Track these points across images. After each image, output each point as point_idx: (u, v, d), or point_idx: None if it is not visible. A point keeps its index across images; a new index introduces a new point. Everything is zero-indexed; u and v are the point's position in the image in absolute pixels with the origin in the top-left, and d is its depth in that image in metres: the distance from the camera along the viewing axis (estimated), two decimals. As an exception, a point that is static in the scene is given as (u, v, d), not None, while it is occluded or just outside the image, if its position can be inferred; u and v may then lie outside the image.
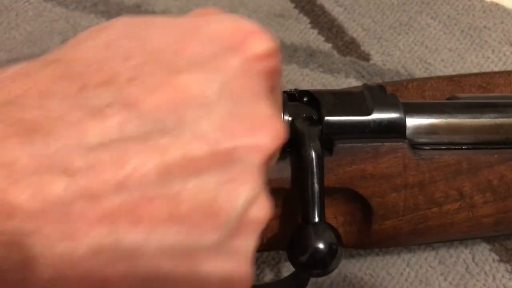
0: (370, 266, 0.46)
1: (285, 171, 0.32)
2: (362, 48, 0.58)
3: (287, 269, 0.45)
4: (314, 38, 0.59)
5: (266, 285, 0.44)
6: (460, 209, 0.35)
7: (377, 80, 0.55)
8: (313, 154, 0.31)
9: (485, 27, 0.59)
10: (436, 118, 0.35)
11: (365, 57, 0.57)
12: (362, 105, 0.33)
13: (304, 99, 0.35)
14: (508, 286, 0.44)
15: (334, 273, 0.45)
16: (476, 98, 0.40)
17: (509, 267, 0.45)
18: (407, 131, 0.34)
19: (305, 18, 0.60)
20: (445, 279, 0.45)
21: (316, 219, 0.30)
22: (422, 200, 0.34)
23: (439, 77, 0.53)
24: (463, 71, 0.55)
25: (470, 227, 0.36)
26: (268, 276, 0.45)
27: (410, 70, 0.56)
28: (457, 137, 0.35)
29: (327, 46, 0.58)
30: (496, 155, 0.35)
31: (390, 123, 0.33)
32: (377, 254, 0.46)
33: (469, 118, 0.35)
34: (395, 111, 0.34)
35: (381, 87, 0.36)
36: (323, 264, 0.30)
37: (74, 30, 0.59)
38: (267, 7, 0.62)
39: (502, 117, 0.35)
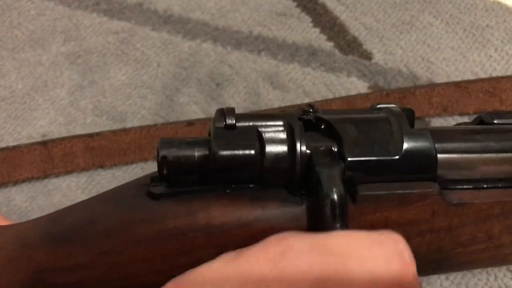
0: (371, 265, 0.46)
1: (302, 219, 0.29)
2: (364, 47, 0.58)
3: None
4: (316, 37, 0.59)
5: None
6: (486, 249, 0.32)
7: (379, 79, 0.55)
8: (336, 198, 0.27)
9: (487, 25, 0.58)
10: (468, 151, 0.31)
11: (367, 56, 0.57)
12: (389, 142, 0.29)
13: (322, 127, 0.31)
14: (510, 286, 0.44)
15: (335, 272, 0.45)
16: (511, 118, 0.35)
17: (510, 267, 0.45)
18: (438, 168, 0.30)
19: (307, 17, 0.60)
20: (447, 278, 0.45)
21: None
22: (447, 243, 0.31)
23: (446, 84, 0.53)
24: (465, 70, 0.55)
25: (491, 263, 0.34)
26: None
27: (412, 69, 0.56)
28: (491, 171, 0.31)
29: (329, 45, 0.58)
30: None
31: (420, 162, 0.29)
32: (379, 253, 0.46)
33: (505, 149, 0.31)
34: (426, 148, 0.29)
35: (407, 111, 0.32)
36: None
37: (77, 29, 0.60)
38: (269, 6, 0.62)
39: None
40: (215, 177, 0.29)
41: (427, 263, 0.32)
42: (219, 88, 0.55)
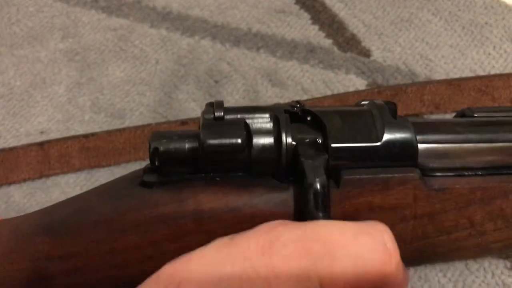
0: (369, 262, 0.46)
1: (288, 204, 0.30)
2: (363, 44, 0.58)
3: None
4: (314, 34, 0.59)
5: None
6: (470, 236, 0.33)
7: (378, 76, 0.55)
8: (319, 188, 0.28)
9: (486, 23, 0.58)
10: (448, 141, 0.32)
11: (366, 53, 0.57)
12: (371, 130, 0.31)
13: (308, 119, 0.32)
14: (507, 283, 0.44)
15: (333, 269, 0.45)
16: (491, 112, 0.37)
17: (508, 264, 0.45)
18: (418, 156, 0.31)
19: (305, 14, 0.60)
20: (444, 275, 0.45)
21: None
22: (431, 229, 0.32)
23: (438, 81, 0.53)
24: (464, 68, 0.55)
25: (476, 252, 0.35)
26: None
27: (411, 66, 0.56)
28: (471, 161, 0.32)
29: (328, 42, 0.58)
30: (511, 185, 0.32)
31: (401, 150, 0.31)
32: (377, 250, 0.46)
33: (484, 139, 0.32)
34: (406, 136, 0.31)
35: (390, 104, 0.33)
36: None
37: (75, 26, 0.59)
38: (268, 3, 0.62)
39: None
40: (204, 167, 0.30)
41: (413, 252, 0.32)
42: (217, 85, 0.55)
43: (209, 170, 0.31)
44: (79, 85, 0.55)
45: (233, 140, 0.29)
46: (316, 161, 0.29)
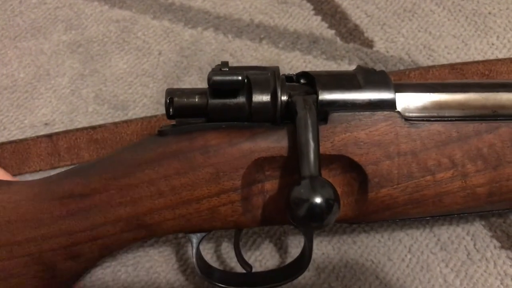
0: (371, 252, 0.46)
1: (283, 140, 0.35)
2: (366, 34, 0.57)
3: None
4: (317, 25, 0.58)
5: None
6: (454, 177, 0.36)
7: (380, 67, 0.55)
8: (308, 114, 0.33)
9: (490, 13, 0.58)
10: (425, 94, 0.37)
11: (369, 44, 0.57)
12: (354, 81, 0.36)
13: (301, 81, 0.38)
14: (509, 273, 0.45)
15: (335, 259, 0.45)
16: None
17: (510, 254, 0.45)
18: (398, 107, 0.36)
19: (308, 4, 0.60)
20: (447, 266, 0.45)
21: (313, 173, 0.32)
22: (415, 168, 0.36)
23: (441, 66, 0.53)
24: (467, 58, 0.55)
25: (465, 197, 0.37)
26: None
27: (414, 57, 0.56)
28: (446, 111, 0.37)
29: (330, 33, 0.58)
30: (483, 124, 0.37)
31: (380, 97, 0.36)
32: (379, 241, 0.46)
33: (457, 93, 0.37)
34: (385, 86, 0.36)
35: (373, 69, 0.38)
36: (320, 217, 0.31)
37: (78, 18, 0.60)
38: (270, -6, 0.61)
39: (488, 92, 0.38)
40: (212, 117, 0.36)
41: (401, 194, 0.36)
42: (220, 77, 0.55)
43: (215, 120, 0.36)
44: (82, 77, 0.55)
45: (235, 77, 0.34)
46: (306, 98, 0.35)
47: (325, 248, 0.46)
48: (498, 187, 0.37)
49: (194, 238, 0.39)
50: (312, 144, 0.33)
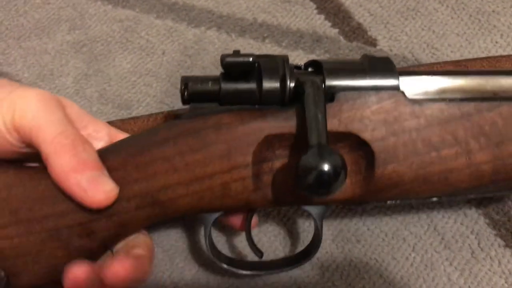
0: (375, 251, 0.46)
1: (292, 118, 0.37)
2: (369, 33, 0.57)
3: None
4: (320, 24, 0.58)
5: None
6: (458, 154, 0.38)
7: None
8: (315, 91, 0.35)
9: (493, 11, 0.58)
10: (427, 78, 0.39)
11: (372, 43, 0.57)
12: (359, 67, 0.38)
13: (309, 69, 0.40)
14: (514, 271, 0.45)
15: (339, 258, 0.45)
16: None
17: (514, 252, 0.45)
18: (402, 90, 0.38)
19: (311, 3, 0.60)
20: (451, 264, 0.45)
21: (320, 141, 0.33)
22: (420, 145, 0.37)
23: (445, 62, 0.53)
24: (470, 56, 0.55)
25: (470, 175, 0.38)
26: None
27: (417, 55, 0.56)
28: (448, 94, 0.39)
29: (334, 32, 0.58)
30: (484, 103, 0.38)
31: (385, 82, 0.38)
32: (383, 239, 0.46)
33: (458, 77, 0.39)
34: (389, 71, 0.38)
35: (378, 57, 0.40)
36: (327, 184, 0.33)
37: (81, 18, 0.60)
38: (274, -7, 0.61)
39: (489, 76, 0.39)
40: (224, 102, 0.38)
41: (408, 170, 0.37)
42: (223, 76, 0.55)
43: (227, 105, 0.38)
44: (86, 77, 0.56)
45: (246, 59, 0.36)
46: (314, 79, 0.37)
47: (329, 247, 0.46)
48: (502, 165, 0.38)
49: (207, 219, 0.40)
50: (319, 116, 0.34)
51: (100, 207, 0.36)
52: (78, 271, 0.36)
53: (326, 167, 0.32)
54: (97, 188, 0.35)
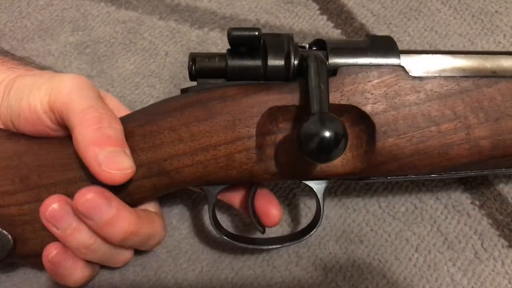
0: (378, 251, 0.46)
1: (296, 91, 0.38)
2: (372, 34, 0.57)
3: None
4: (323, 25, 0.58)
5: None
6: (457, 129, 0.38)
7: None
8: (319, 64, 0.36)
9: (496, 11, 0.58)
10: (428, 56, 0.40)
11: (375, 43, 0.57)
12: (362, 46, 0.39)
13: (314, 48, 0.40)
14: (517, 272, 0.45)
15: (343, 259, 0.45)
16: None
17: (518, 253, 0.45)
18: (402, 64, 0.39)
19: (314, 4, 0.60)
20: (454, 265, 0.45)
21: (322, 109, 0.34)
22: (420, 119, 0.38)
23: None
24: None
25: (469, 150, 0.39)
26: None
27: (420, 56, 0.56)
28: (448, 72, 0.39)
29: (336, 32, 0.58)
30: (483, 79, 0.39)
31: (386, 61, 0.38)
32: (386, 240, 0.46)
33: (458, 56, 0.40)
34: (391, 50, 0.39)
35: (381, 36, 0.41)
36: (328, 150, 0.33)
37: (85, 19, 0.60)
38: (276, -6, 0.62)
39: (488, 55, 0.40)
40: (230, 78, 0.39)
41: (407, 144, 0.38)
42: (226, 77, 0.55)
43: (233, 80, 0.38)
44: (89, 78, 0.56)
45: (252, 32, 0.37)
46: (317, 53, 0.37)
47: (332, 248, 0.46)
48: (501, 140, 0.39)
49: (211, 192, 0.41)
50: (322, 86, 0.35)
51: (113, 183, 0.36)
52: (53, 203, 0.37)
53: (327, 133, 0.33)
54: (113, 165, 0.36)
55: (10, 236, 0.38)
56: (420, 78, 0.38)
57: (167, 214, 0.48)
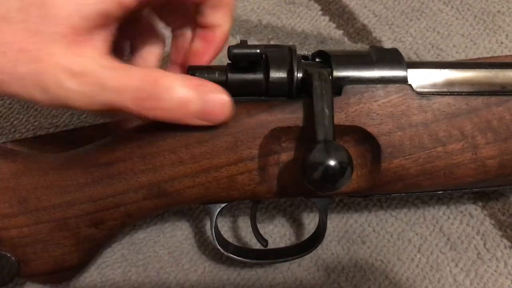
0: (381, 252, 0.46)
1: (299, 111, 0.37)
2: (374, 34, 0.57)
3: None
4: (325, 25, 0.58)
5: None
6: (464, 149, 0.37)
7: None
8: (323, 84, 0.35)
9: (498, 11, 0.58)
10: (436, 71, 0.38)
11: (377, 44, 0.57)
12: (367, 59, 0.38)
13: (317, 60, 0.39)
14: (520, 272, 0.44)
15: (345, 259, 0.45)
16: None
17: (520, 253, 0.45)
18: (410, 83, 0.37)
19: (316, 5, 0.60)
20: (456, 265, 0.45)
21: (327, 137, 0.33)
22: (427, 139, 0.37)
23: None
24: (475, 57, 0.55)
25: (475, 169, 0.38)
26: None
27: (422, 56, 0.55)
28: (456, 87, 0.38)
29: (338, 33, 0.58)
30: (493, 98, 0.38)
31: (393, 74, 0.37)
32: (388, 241, 0.46)
33: (466, 70, 0.39)
34: (397, 63, 0.38)
35: (386, 48, 0.39)
36: (333, 179, 0.33)
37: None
38: (278, -5, 0.62)
39: (497, 69, 0.39)
40: (231, 91, 0.36)
41: (413, 164, 0.37)
42: (228, 78, 0.55)
43: (234, 95, 0.36)
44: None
45: (253, 50, 0.35)
46: (322, 71, 0.36)
47: (334, 249, 0.46)
48: (509, 159, 0.38)
49: (213, 209, 0.40)
50: (327, 111, 0.34)
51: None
52: None
53: (332, 163, 0.32)
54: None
55: (14, 258, 0.38)
56: (427, 97, 0.37)
57: (168, 215, 0.48)
